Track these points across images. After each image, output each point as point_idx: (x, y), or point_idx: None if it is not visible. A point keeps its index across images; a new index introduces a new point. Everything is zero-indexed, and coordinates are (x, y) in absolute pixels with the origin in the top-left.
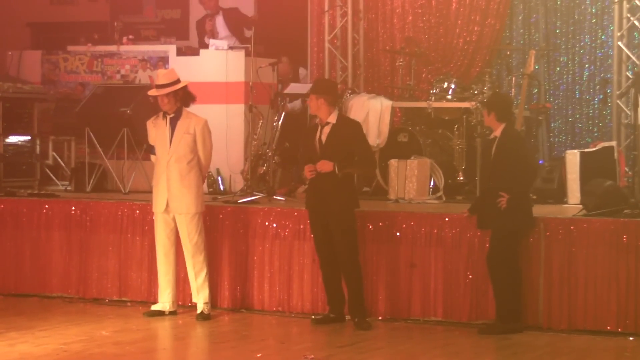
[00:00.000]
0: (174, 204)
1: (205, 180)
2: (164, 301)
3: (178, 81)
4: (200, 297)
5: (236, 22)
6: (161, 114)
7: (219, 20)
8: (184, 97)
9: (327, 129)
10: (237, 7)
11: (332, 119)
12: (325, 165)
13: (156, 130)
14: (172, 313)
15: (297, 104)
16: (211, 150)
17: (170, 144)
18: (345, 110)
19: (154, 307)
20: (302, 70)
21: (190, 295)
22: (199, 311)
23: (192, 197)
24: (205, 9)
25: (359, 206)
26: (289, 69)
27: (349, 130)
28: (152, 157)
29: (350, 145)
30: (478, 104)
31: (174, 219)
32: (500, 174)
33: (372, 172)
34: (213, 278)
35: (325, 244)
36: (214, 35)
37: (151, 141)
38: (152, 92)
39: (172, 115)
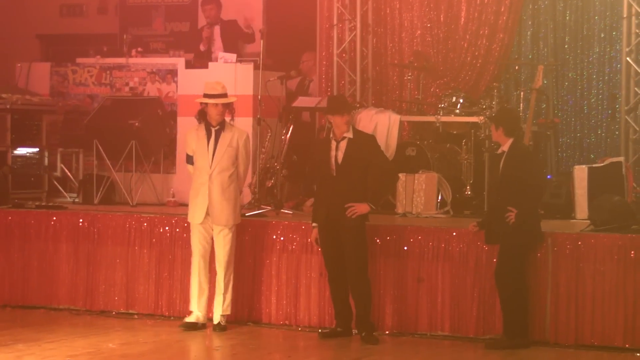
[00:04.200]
0: (214, 216)
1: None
2: (200, 312)
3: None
4: (221, 309)
5: (232, 36)
6: (203, 125)
7: (217, 31)
8: (233, 110)
9: (343, 145)
10: (235, 19)
11: (349, 134)
12: (361, 208)
13: (198, 142)
14: (202, 326)
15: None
16: (249, 164)
17: (213, 156)
18: (354, 124)
19: (188, 319)
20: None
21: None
22: (216, 322)
23: (231, 210)
24: (206, 17)
25: (369, 219)
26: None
27: (366, 145)
28: (190, 167)
29: (367, 160)
30: (486, 119)
31: (211, 230)
32: (508, 188)
33: (396, 183)
34: None
35: (335, 258)
36: (210, 42)
37: (190, 151)
38: (212, 100)
39: (217, 128)
